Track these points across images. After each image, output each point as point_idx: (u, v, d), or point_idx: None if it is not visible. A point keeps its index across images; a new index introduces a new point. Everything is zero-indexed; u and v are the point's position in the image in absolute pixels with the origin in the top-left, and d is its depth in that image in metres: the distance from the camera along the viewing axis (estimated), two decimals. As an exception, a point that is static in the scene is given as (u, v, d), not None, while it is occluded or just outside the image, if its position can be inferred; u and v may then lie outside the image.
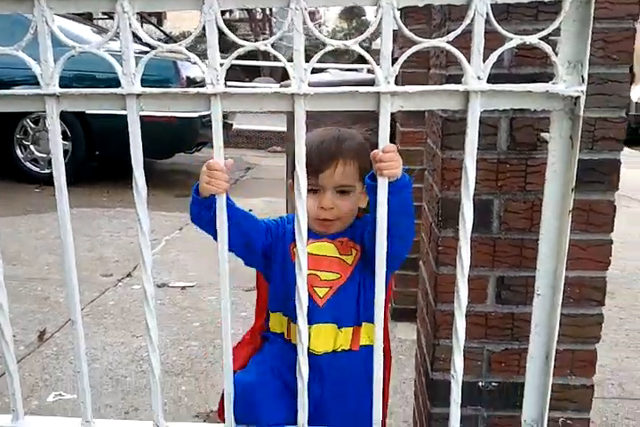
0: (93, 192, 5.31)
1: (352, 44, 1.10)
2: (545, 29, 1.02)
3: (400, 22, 1.06)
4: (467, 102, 1.08)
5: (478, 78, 1.06)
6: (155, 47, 1.11)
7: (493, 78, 1.08)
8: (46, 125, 1.19)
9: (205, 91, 1.11)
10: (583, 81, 1.03)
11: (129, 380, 2.43)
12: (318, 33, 1.13)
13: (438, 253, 1.36)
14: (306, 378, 1.21)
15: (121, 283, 3.44)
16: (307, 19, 1.07)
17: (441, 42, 1.05)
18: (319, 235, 1.34)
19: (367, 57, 1.11)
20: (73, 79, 4.76)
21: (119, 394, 2.32)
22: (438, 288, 1.37)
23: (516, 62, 1.26)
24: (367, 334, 1.38)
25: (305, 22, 1.07)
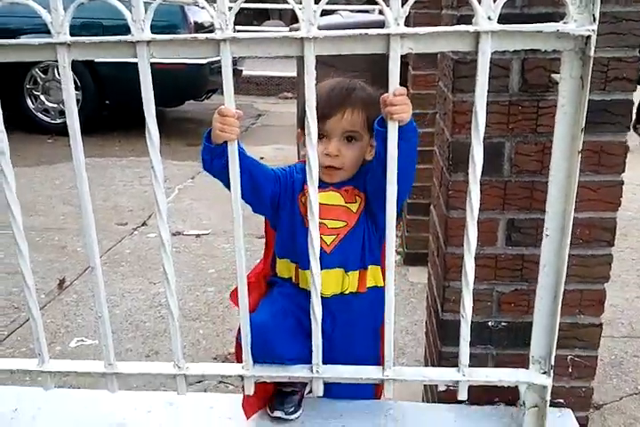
0: (105, 142, 5.31)
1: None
2: (557, -34, 1.00)
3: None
4: (477, 44, 1.07)
5: (489, 19, 1.05)
6: (162, -5, 1.10)
7: (505, 19, 1.07)
8: (55, 75, 1.20)
9: (214, 36, 1.11)
10: (594, 20, 1.01)
11: (148, 325, 2.50)
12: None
13: (449, 197, 1.37)
14: (319, 320, 1.25)
15: (136, 231, 3.49)
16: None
17: (451, -19, 1.03)
18: (326, 184, 1.35)
19: (377, -1, 1.09)
20: (80, 27, 4.69)
21: (139, 339, 2.40)
22: (448, 232, 1.39)
23: (528, 2, 1.23)
24: (373, 277, 1.42)
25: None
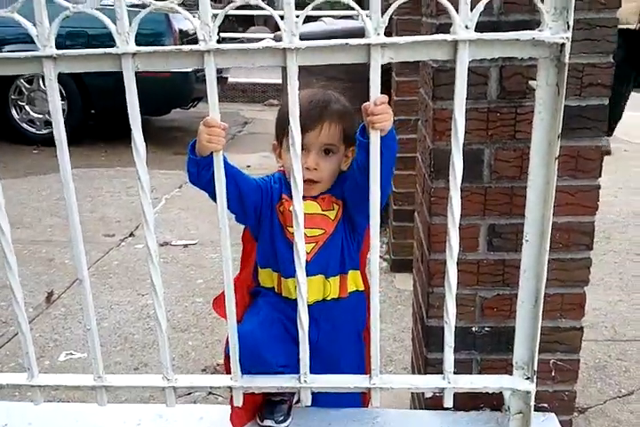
0: (91, 152, 5.30)
1: (341, -3, 1.10)
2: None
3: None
4: (455, 52, 1.08)
5: (466, 27, 1.06)
6: (147, 5, 1.11)
7: (483, 26, 1.09)
8: (40, 85, 1.21)
9: (199, 48, 1.12)
10: (569, 28, 1.03)
11: (137, 337, 2.49)
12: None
13: (431, 203, 1.39)
14: (306, 330, 1.26)
15: (124, 243, 3.48)
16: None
17: (427, -8, 1.05)
18: (303, 195, 1.37)
19: (357, 8, 1.11)
20: (65, 36, 4.70)
21: (128, 351, 2.39)
22: (431, 238, 1.40)
23: (505, 10, 1.26)
24: (353, 281, 1.45)
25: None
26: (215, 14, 1.15)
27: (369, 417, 1.46)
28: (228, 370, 1.36)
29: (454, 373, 1.30)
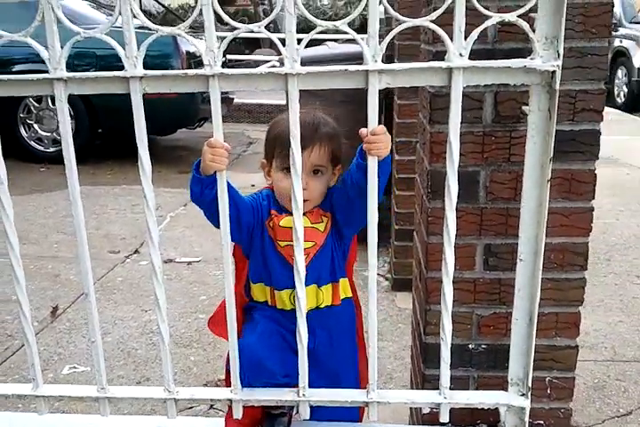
0: (97, 170, 5.36)
1: (341, 25, 1.15)
2: (524, 6, 1.07)
3: (385, 2, 1.11)
4: (450, 78, 1.13)
5: (460, 55, 1.11)
6: (155, 30, 1.17)
7: (478, 54, 1.13)
8: (49, 104, 1.25)
9: (204, 72, 1.17)
10: (559, 56, 1.08)
11: (140, 352, 2.52)
12: (308, 14, 1.16)
13: (428, 223, 1.43)
14: (305, 343, 1.29)
15: (128, 259, 3.52)
16: (298, 1, 1.12)
17: (424, 21, 1.10)
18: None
19: (355, 37, 1.15)
20: (74, 57, 4.77)
21: (131, 366, 2.42)
22: (429, 256, 1.44)
23: (499, 38, 1.31)
24: (344, 289, 1.51)
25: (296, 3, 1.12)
26: (221, 37, 1.20)
27: (366, 433, 1.49)
28: (229, 385, 1.39)
29: (451, 389, 1.32)
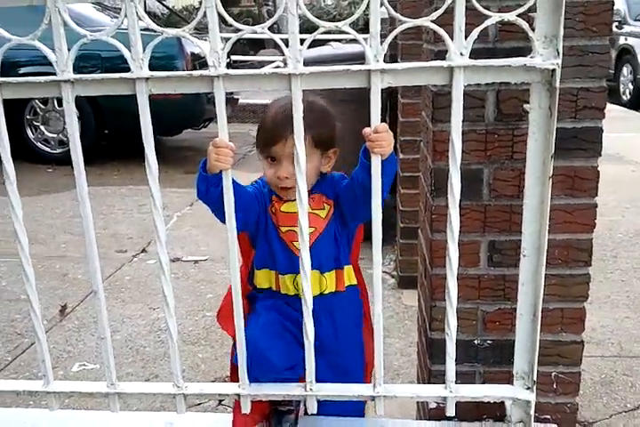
0: (104, 171, 5.39)
1: (343, 26, 1.17)
2: (523, 6, 1.09)
3: (386, 3, 1.12)
4: (451, 78, 1.15)
5: (461, 54, 1.13)
6: (160, 32, 1.18)
7: (479, 53, 1.15)
8: (55, 106, 1.27)
9: (208, 73, 1.19)
10: (559, 54, 1.09)
11: (148, 349, 2.55)
12: (310, 15, 1.18)
13: (432, 220, 1.44)
14: (312, 338, 1.31)
15: (136, 258, 3.55)
16: (300, 3, 1.14)
17: (424, 21, 1.11)
18: (288, 199, 1.45)
19: (357, 37, 1.17)
20: (80, 58, 4.79)
21: (139, 363, 2.45)
22: (433, 253, 1.45)
23: (500, 37, 1.32)
24: (349, 276, 1.53)
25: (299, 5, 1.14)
26: (225, 38, 1.22)
27: (374, 427, 1.50)
28: (235, 381, 1.41)
29: (457, 384, 1.34)
